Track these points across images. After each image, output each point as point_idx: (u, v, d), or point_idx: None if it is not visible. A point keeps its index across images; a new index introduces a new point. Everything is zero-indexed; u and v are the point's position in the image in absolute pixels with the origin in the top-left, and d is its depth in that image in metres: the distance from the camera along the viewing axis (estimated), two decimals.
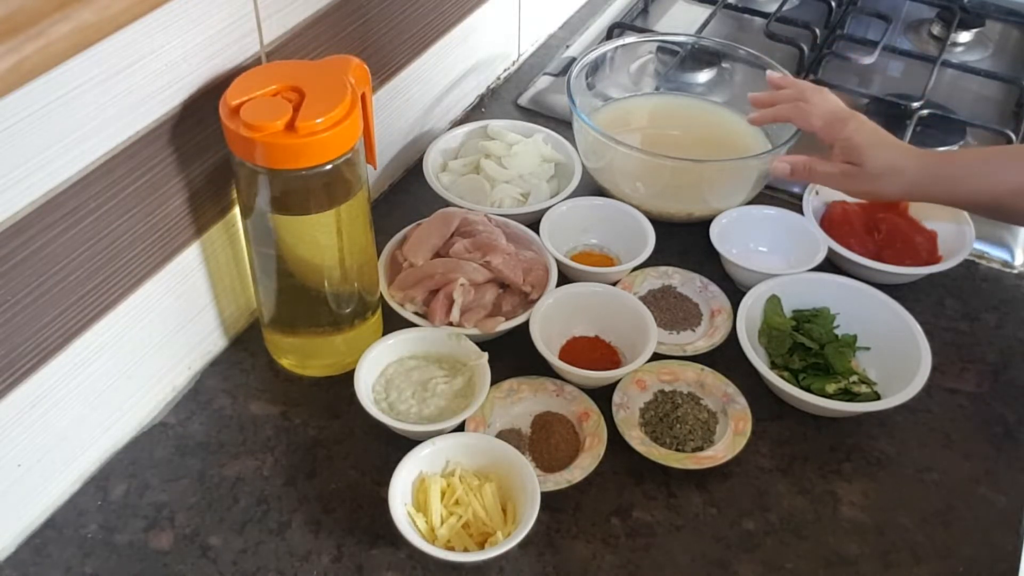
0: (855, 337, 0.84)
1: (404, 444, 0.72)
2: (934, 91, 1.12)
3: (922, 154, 0.85)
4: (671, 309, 0.88)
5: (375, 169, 0.84)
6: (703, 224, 0.93)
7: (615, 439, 0.75)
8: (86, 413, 0.71)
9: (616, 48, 1.09)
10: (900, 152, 0.84)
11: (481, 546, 0.67)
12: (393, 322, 0.82)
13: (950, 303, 0.91)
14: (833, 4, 1.29)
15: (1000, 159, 0.83)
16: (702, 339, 0.85)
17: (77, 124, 0.61)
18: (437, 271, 0.81)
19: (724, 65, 1.12)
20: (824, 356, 0.81)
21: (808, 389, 0.79)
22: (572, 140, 1.00)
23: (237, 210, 0.77)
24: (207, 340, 0.82)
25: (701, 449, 0.76)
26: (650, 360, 0.79)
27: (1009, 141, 1.06)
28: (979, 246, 0.95)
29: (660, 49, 1.15)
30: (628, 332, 0.83)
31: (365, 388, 0.76)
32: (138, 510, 0.72)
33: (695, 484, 0.75)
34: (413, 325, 0.80)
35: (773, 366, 0.82)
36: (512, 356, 0.81)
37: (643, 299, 0.87)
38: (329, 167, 0.67)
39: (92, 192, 0.64)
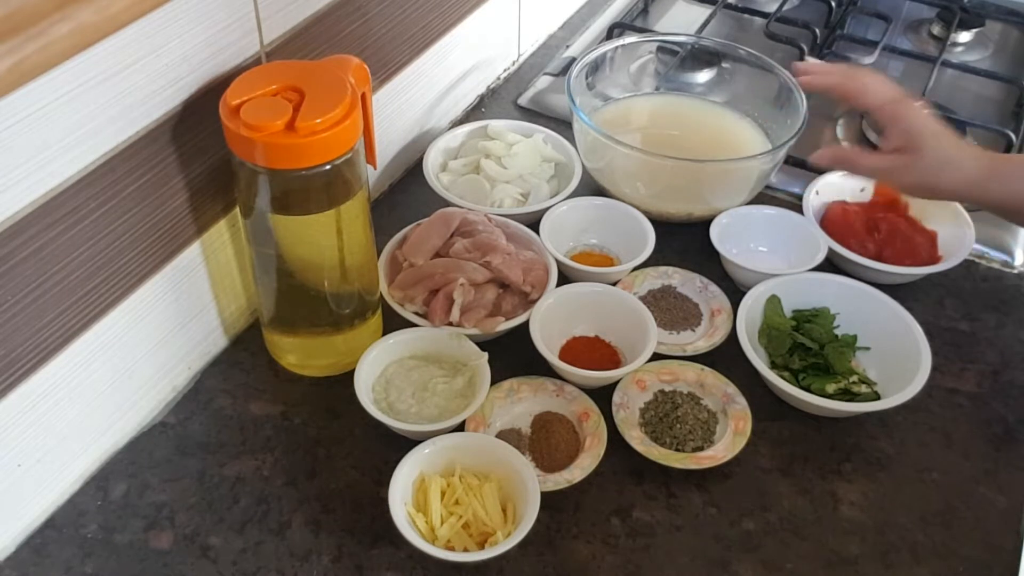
0: (855, 337, 0.84)
1: (404, 444, 0.72)
2: (934, 91, 1.12)
3: (981, 151, 0.81)
4: (671, 309, 0.88)
5: (375, 169, 0.84)
6: (703, 224, 0.93)
7: (615, 439, 0.75)
8: (86, 413, 0.71)
9: (616, 48, 1.09)
10: (960, 144, 0.80)
11: (481, 546, 0.67)
12: (393, 322, 0.82)
13: (950, 303, 0.91)
14: (833, 4, 1.29)
15: None
16: (702, 339, 0.85)
17: (77, 124, 0.61)
18: (437, 271, 0.81)
19: (724, 65, 1.11)
20: (824, 356, 0.81)
21: (808, 389, 0.79)
22: (572, 140, 1.00)
23: (237, 210, 0.77)
24: (207, 340, 0.82)
25: (701, 449, 0.76)
26: (650, 360, 0.79)
27: (1009, 141, 1.06)
28: (979, 246, 0.95)
29: (660, 49, 1.15)
30: (628, 332, 0.83)
31: (365, 388, 0.76)
32: (138, 510, 0.72)
33: (695, 484, 0.75)
34: (413, 325, 0.80)
35: (773, 366, 0.82)
36: (512, 356, 0.81)
37: (643, 299, 0.87)
38: (329, 167, 0.67)
39: (92, 192, 0.64)
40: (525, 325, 0.80)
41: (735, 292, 0.88)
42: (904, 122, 0.81)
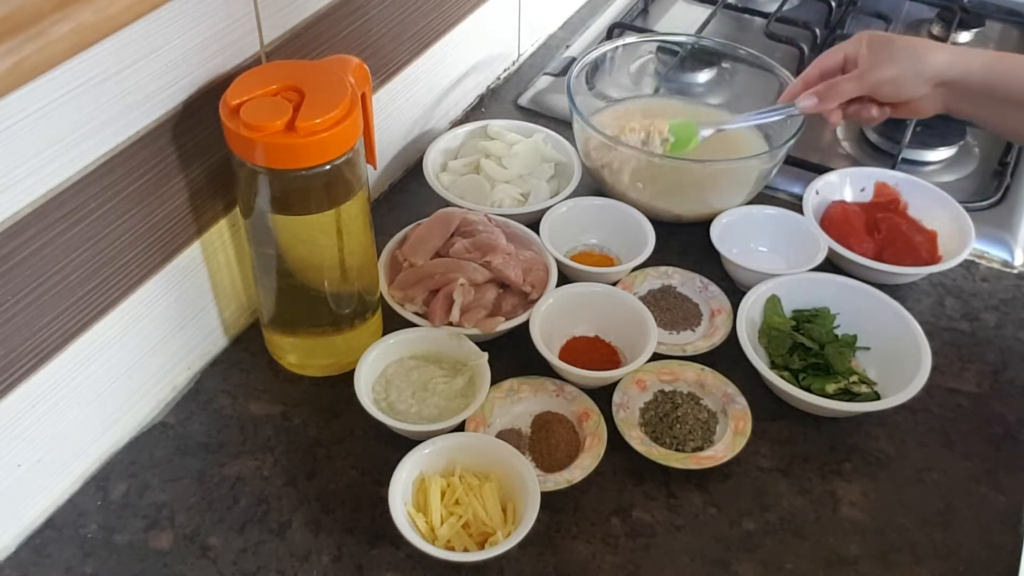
0: (855, 337, 0.84)
1: (404, 444, 0.72)
2: None
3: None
4: (671, 309, 0.88)
5: (375, 169, 0.84)
6: (703, 224, 0.93)
7: (615, 439, 0.75)
8: (86, 413, 0.71)
9: (616, 48, 1.09)
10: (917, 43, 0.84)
11: (481, 546, 0.67)
12: (393, 322, 0.82)
13: (950, 303, 0.91)
14: (833, 4, 1.29)
15: None
16: (702, 339, 0.85)
17: (77, 124, 0.61)
18: (437, 271, 0.81)
19: (724, 65, 1.11)
20: (824, 356, 0.81)
21: (808, 389, 0.79)
22: (572, 140, 1.00)
23: (237, 210, 0.77)
24: (207, 340, 0.82)
25: (701, 449, 0.76)
26: (650, 360, 0.79)
27: (1009, 142, 1.06)
28: (979, 246, 0.95)
29: (660, 49, 1.15)
30: (628, 332, 0.83)
31: (365, 388, 0.76)
32: (138, 510, 0.72)
33: (695, 484, 0.75)
34: (413, 325, 0.80)
35: (773, 366, 0.82)
36: (512, 356, 0.81)
37: (643, 299, 0.87)
38: (329, 167, 0.67)
39: (92, 192, 0.64)
40: (525, 325, 0.80)
41: (735, 292, 0.88)
42: (865, 38, 0.85)
